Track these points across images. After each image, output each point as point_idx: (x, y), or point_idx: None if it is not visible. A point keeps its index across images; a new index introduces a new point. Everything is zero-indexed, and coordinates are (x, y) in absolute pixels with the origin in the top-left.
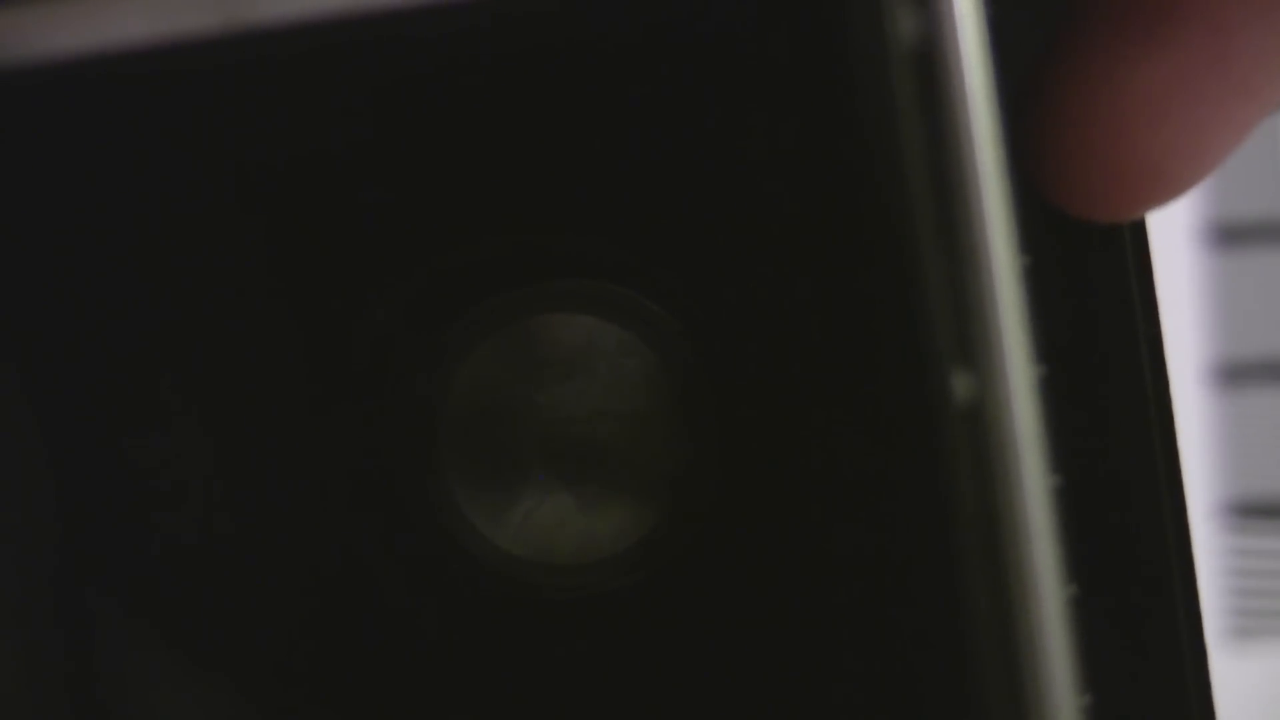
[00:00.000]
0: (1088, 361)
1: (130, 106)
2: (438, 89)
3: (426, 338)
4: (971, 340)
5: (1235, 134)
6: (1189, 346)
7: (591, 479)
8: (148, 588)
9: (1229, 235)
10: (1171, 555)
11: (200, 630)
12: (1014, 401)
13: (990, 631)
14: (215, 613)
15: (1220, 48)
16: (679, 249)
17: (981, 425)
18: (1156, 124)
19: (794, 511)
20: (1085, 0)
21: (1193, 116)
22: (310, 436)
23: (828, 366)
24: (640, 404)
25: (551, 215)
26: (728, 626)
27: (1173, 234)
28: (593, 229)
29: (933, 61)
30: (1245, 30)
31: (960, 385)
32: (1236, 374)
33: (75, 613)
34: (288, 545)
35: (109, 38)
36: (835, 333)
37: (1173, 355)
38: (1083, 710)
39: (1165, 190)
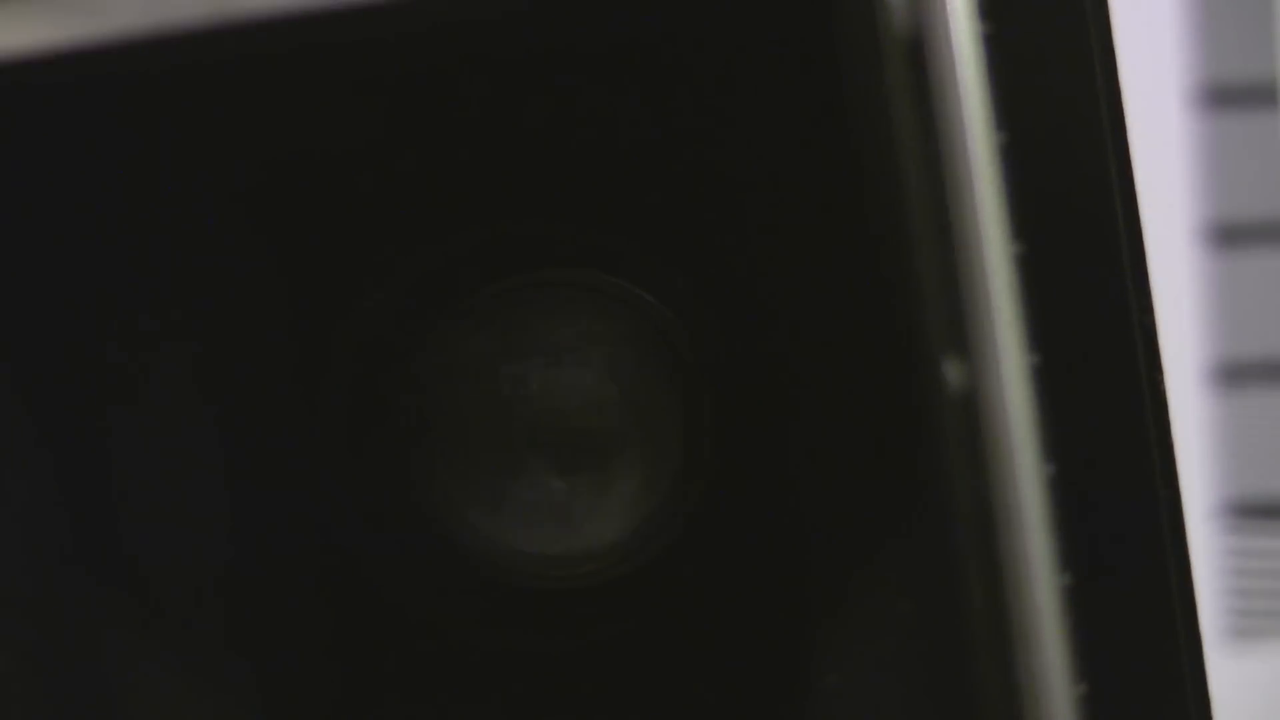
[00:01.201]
0: (1082, 350)
1: (122, 101)
2: (433, 85)
3: (419, 328)
4: (964, 328)
5: None
6: (1189, 346)
7: (585, 468)
8: (146, 587)
9: (1229, 235)
10: (1167, 544)
11: (200, 630)
12: (1007, 389)
13: (985, 618)
14: (213, 612)
15: None
16: (673, 239)
17: (975, 413)
18: None
19: (788, 500)
20: None
21: None
22: (305, 432)
23: (822, 355)
24: (634, 393)
25: (545, 206)
26: (722, 614)
27: (1173, 234)
28: (586, 219)
29: (925, 50)
30: None
31: (953, 373)
32: (1236, 374)
33: (73, 613)
34: (282, 544)
35: (97, 31)
36: (829, 321)
37: (1173, 355)
38: (1078, 699)
39: None
